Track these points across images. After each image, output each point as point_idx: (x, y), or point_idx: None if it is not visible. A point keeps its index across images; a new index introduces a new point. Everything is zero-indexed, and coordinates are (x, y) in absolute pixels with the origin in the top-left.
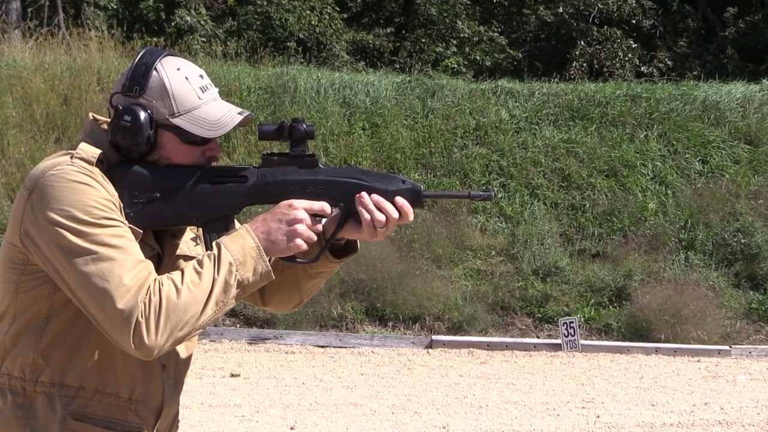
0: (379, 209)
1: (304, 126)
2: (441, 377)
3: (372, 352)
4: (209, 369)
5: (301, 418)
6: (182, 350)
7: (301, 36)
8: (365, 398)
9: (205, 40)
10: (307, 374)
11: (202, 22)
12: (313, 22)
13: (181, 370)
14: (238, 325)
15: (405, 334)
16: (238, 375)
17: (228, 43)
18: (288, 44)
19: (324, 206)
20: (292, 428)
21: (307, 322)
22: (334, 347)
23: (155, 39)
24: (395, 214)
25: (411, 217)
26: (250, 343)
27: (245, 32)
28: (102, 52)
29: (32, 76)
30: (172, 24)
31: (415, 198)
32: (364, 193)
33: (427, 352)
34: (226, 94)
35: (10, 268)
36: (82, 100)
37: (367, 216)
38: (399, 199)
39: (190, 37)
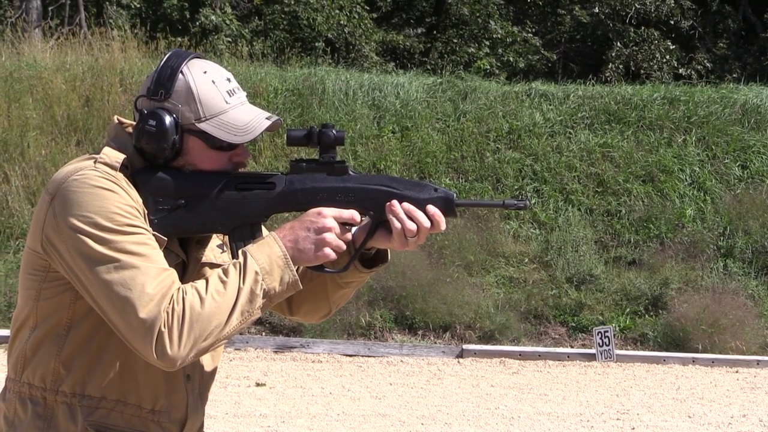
0: (411, 218)
1: (334, 132)
2: (472, 387)
3: (401, 361)
4: (234, 378)
5: (328, 428)
6: (207, 361)
7: (330, 36)
8: (394, 409)
9: (230, 40)
10: (335, 384)
11: (228, 22)
12: (341, 22)
13: (207, 380)
14: (264, 333)
15: (435, 343)
16: (264, 384)
17: (254, 44)
18: (316, 44)
19: (354, 214)
20: None
21: (334, 331)
22: (363, 356)
23: (179, 39)
24: (427, 223)
25: (443, 226)
26: (276, 352)
27: (272, 32)
28: (125, 52)
29: (53, 76)
30: (197, 23)
31: (448, 207)
32: (395, 202)
33: (458, 362)
34: (252, 96)
35: (31, 275)
36: (105, 101)
37: (397, 225)
38: (431, 208)
39: (215, 36)
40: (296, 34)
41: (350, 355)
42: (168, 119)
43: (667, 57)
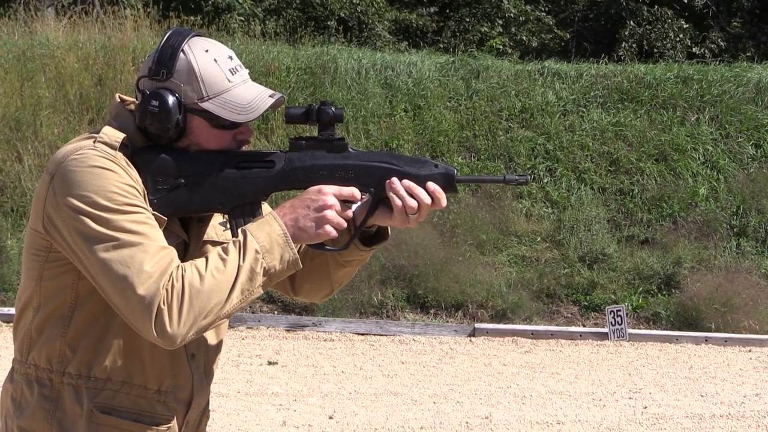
0: (411, 195)
1: (333, 109)
2: (484, 366)
3: (413, 340)
4: (246, 356)
5: (340, 407)
6: (212, 339)
7: (342, 15)
8: (406, 387)
9: (243, 19)
10: (347, 362)
11: (240, 1)
12: (354, 1)
13: (212, 359)
14: (276, 312)
15: (447, 321)
16: (276, 363)
17: (267, 22)
18: (328, 23)
19: (354, 191)
20: (330, 417)
21: (346, 309)
22: (375, 335)
23: (192, 18)
24: (428, 200)
25: (444, 202)
26: (288, 330)
27: (284, 11)
28: (137, 31)
29: (66, 55)
30: (210, 2)
31: (448, 183)
32: (395, 179)
33: (470, 341)
34: (264, 75)
35: (34, 255)
36: (117, 80)
37: (398, 202)
38: (431, 185)
39: (228, 15)
40: (309, 13)
41: (362, 334)
42: (171, 99)
43: (681, 36)
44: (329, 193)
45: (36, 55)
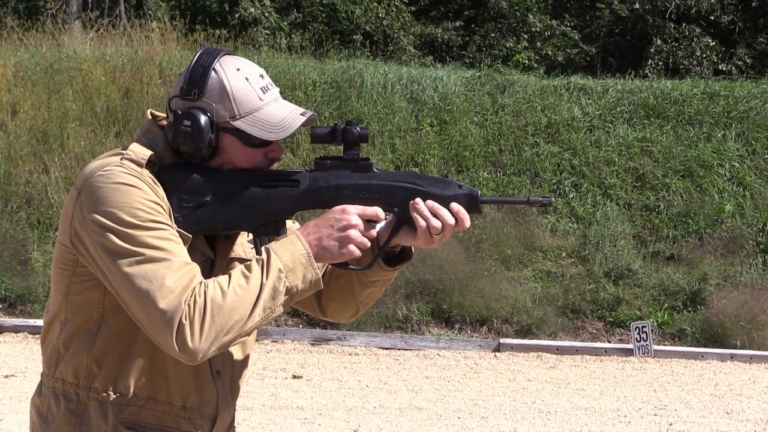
0: (435, 215)
1: (358, 129)
2: (509, 382)
3: (438, 354)
4: (271, 370)
5: (364, 421)
6: (238, 355)
7: (368, 29)
8: (430, 402)
9: (269, 32)
10: (371, 377)
11: (266, 14)
12: (380, 15)
13: (237, 375)
14: (301, 326)
15: (472, 336)
16: (301, 376)
17: (293, 36)
18: (354, 37)
19: (378, 211)
20: (355, 431)
21: (371, 324)
22: (399, 349)
23: (218, 31)
24: (451, 221)
25: (467, 223)
26: (313, 344)
27: (310, 24)
28: (164, 44)
29: (93, 68)
30: (236, 16)
31: (472, 204)
32: (418, 200)
33: (495, 356)
34: (290, 89)
35: (61, 269)
36: (144, 93)
37: (422, 222)
38: (455, 205)
39: (254, 29)
40: (335, 27)
41: (387, 348)
42: (203, 119)
43: (708, 53)
44: (353, 212)
45: (63, 68)
